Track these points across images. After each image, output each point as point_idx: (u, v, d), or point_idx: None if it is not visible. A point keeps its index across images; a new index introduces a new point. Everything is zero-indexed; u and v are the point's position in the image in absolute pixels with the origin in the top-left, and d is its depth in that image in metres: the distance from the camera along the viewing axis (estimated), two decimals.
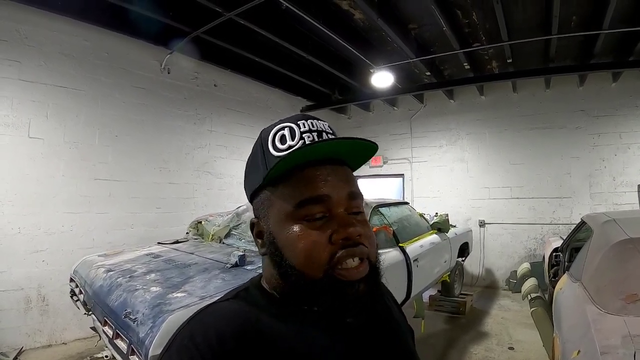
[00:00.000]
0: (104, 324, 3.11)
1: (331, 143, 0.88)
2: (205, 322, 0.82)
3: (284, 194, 0.87)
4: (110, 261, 4.07)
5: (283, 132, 0.90)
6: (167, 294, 2.93)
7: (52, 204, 5.61)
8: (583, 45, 7.00)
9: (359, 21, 6.33)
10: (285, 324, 0.84)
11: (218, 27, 5.91)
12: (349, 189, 0.89)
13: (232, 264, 3.49)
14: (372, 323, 0.98)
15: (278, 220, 0.87)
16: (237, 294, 0.92)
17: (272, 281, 0.91)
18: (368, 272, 0.86)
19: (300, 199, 0.85)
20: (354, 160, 0.96)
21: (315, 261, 0.82)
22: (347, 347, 0.89)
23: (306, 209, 0.84)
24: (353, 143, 0.90)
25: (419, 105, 10.52)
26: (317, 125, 0.92)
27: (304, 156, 0.86)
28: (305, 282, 0.83)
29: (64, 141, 5.75)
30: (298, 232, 0.84)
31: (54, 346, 5.59)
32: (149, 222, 6.76)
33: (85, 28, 5.89)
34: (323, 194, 0.85)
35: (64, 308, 5.53)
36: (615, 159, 8.35)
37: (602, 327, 2.53)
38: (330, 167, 0.89)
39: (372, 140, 0.89)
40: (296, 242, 0.84)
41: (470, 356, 5.55)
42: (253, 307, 0.87)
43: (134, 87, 6.61)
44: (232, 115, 8.40)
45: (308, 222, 0.84)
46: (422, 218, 6.82)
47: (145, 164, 6.76)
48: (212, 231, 4.84)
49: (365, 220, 0.91)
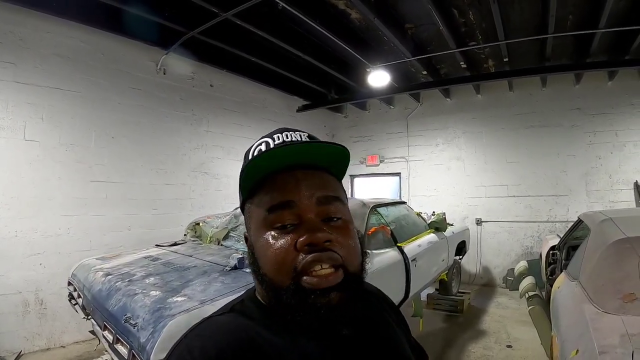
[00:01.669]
0: (104, 329, 3.09)
1: (289, 147, 0.88)
2: (203, 336, 0.83)
3: (258, 204, 0.88)
4: (108, 264, 4.04)
5: (260, 147, 0.91)
6: (167, 298, 2.91)
7: (48, 206, 5.59)
8: (579, 44, 7.00)
9: (356, 21, 6.33)
10: (279, 336, 0.84)
11: (214, 27, 5.90)
12: (320, 193, 0.88)
13: (232, 266, 3.48)
14: (366, 333, 0.97)
15: (254, 229, 0.89)
16: (233, 307, 0.93)
17: (259, 291, 0.93)
18: (342, 281, 0.83)
19: (268, 205, 0.85)
20: (332, 166, 0.95)
21: (282, 268, 0.82)
22: (340, 358, 0.88)
23: (275, 216, 0.85)
24: (309, 146, 0.91)
25: (416, 104, 10.53)
26: (292, 137, 0.92)
27: (265, 162, 0.86)
28: (275, 290, 0.83)
29: (59, 143, 5.72)
30: (268, 240, 0.84)
31: (53, 349, 5.57)
32: (146, 223, 6.74)
33: (81, 29, 5.87)
34: (290, 199, 0.85)
35: (62, 311, 5.52)
36: (611, 156, 8.38)
37: (600, 327, 2.53)
38: (302, 172, 0.88)
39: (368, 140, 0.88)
40: (266, 250, 0.84)
41: (469, 355, 5.55)
42: (248, 320, 0.87)
43: (130, 89, 6.59)
44: (228, 116, 8.39)
45: (279, 230, 0.84)
46: (420, 217, 6.82)
47: (141, 165, 6.73)
48: (210, 233, 4.82)
49: (343, 227, 0.89)
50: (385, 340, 1.03)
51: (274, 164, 0.87)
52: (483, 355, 5.51)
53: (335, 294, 0.81)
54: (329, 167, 0.95)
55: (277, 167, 0.87)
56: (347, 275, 0.84)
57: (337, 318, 0.84)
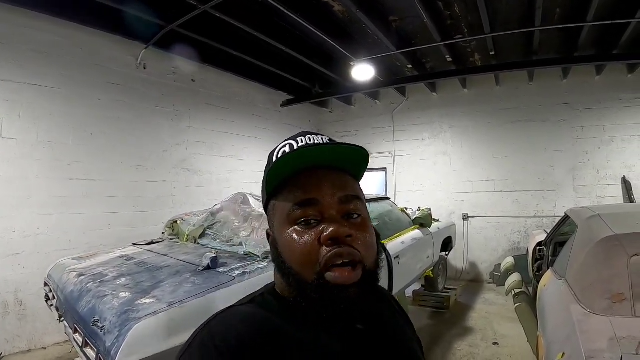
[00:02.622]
0: (75, 331, 3.00)
1: (311, 148, 0.93)
2: (225, 324, 0.86)
3: (283, 200, 0.93)
4: (82, 265, 3.94)
5: (284, 149, 0.97)
6: (136, 299, 2.81)
7: (26, 205, 5.47)
8: (566, 38, 6.96)
9: (339, 13, 6.23)
10: (298, 328, 0.88)
11: (195, 21, 5.80)
12: (341, 193, 0.92)
13: (204, 266, 3.38)
14: (378, 328, 1.02)
15: (278, 225, 0.94)
16: (253, 299, 0.97)
17: (280, 286, 0.97)
18: (360, 278, 0.86)
19: (294, 202, 0.89)
20: (352, 168, 1.00)
21: (307, 262, 0.85)
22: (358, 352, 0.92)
23: (300, 212, 0.89)
24: (333, 148, 0.95)
25: (402, 98, 10.47)
26: (314, 139, 0.98)
27: (290, 163, 0.91)
28: (300, 283, 0.86)
29: (37, 141, 5.59)
30: (292, 234, 0.88)
31: (34, 351, 5.49)
32: (127, 221, 6.62)
33: (58, 24, 5.71)
34: (313, 197, 0.89)
35: (42, 312, 5.36)
36: (598, 151, 8.40)
37: (588, 329, 2.44)
38: (324, 172, 0.93)
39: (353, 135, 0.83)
40: (291, 244, 0.88)
41: (455, 353, 5.51)
42: (268, 312, 0.91)
43: (109, 84, 6.44)
44: (211, 111, 8.27)
45: (302, 226, 0.88)
46: (404, 213, 6.76)
47: (121, 162, 6.61)
48: (187, 231, 4.72)
49: (362, 224, 0.93)
50: (395, 335, 1.08)
51: (299, 164, 0.92)
52: (469, 353, 5.46)
53: (353, 289, 0.85)
54: (349, 168, 0.99)
55: (301, 168, 0.92)
56: (365, 271, 0.88)
57: (354, 312, 0.88)
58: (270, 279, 1.03)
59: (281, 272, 0.92)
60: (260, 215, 4.26)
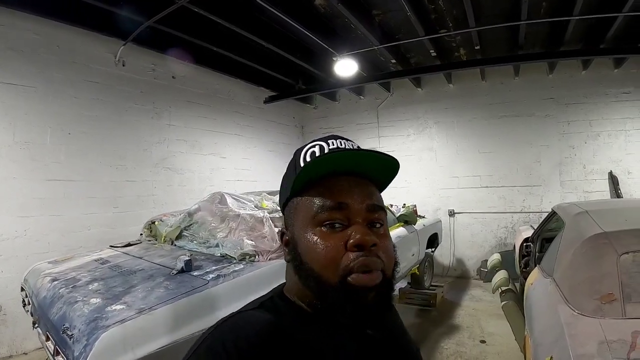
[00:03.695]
0: (47, 339, 2.92)
1: (347, 153, 0.94)
2: (234, 328, 0.84)
3: (309, 200, 0.92)
4: (57, 269, 3.83)
5: (313, 149, 0.97)
6: (106, 306, 2.71)
7: (4, 208, 5.35)
8: (553, 32, 6.95)
9: (320, 7, 6.14)
10: (308, 333, 0.87)
11: (174, 17, 5.70)
12: (369, 201, 0.92)
13: (178, 269, 3.27)
14: (390, 337, 1.02)
15: (301, 225, 0.92)
16: (262, 303, 0.95)
17: (294, 288, 0.95)
18: (380, 283, 0.86)
19: (323, 204, 0.89)
20: (380, 178, 1.00)
21: (331, 265, 0.85)
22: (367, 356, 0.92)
23: (327, 215, 0.88)
24: (371, 156, 0.93)
25: (386, 94, 10.44)
26: (345, 144, 0.99)
27: (324, 165, 0.91)
28: (322, 286, 0.86)
29: (14, 141, 5.46)
30: (318, 236, 0.88)
31: (15, 357, 5.42)
32: (107, 222, 6.51)
33: (34, 21, 5.58)
34: (343, 202, 0.89)
35: (22, 317, 5.19)
36: (585, 146, 8.43)
37: (577, 332, 2.37)
38: (353, 179, 0.94)
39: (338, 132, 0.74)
40: (316, 246, 0.87)
41: (442, 351, 5.47)
42: (278, 316, 0.89)
43: (87, 82, 6.31)
44: (192, 108, 8.15)
45: (328, 229, 0.88)
46: (388, 210, 6.67)
47: (100, 161, 6.48)
48: (164, 232, 4.59)
49: (385, 234, 0.94)
50: (402, 342, 1.09)
51: (332, 167, 0.92)
52: (456, 352, 5.42)
53: (373, 295, 0.85)
54: (377, 178, 1.00)
55: (331, 170, 0.92)
56: (385, 278, 0.88)
57: (371, 317, 0.88)
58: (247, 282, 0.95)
59: (299, 273, 0.91)
60: (237, 215, 4.16)
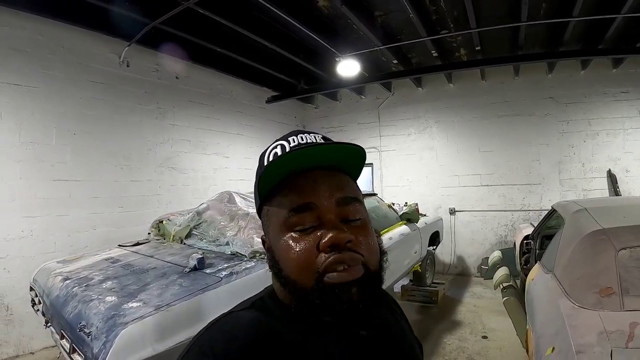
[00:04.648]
0: (61, 337, 2.96)
1: (304, 150, 0.87)
2: (224, 330, 0.84)
3: (277, 206, 0.88)
4: (67, 268, 3.89)
5: (275, 150, 0.92)
6: (123, 304, 2.78)
7: (10, 208, 5.38)
8: (552, 32, 6.99)
9: (323, 8, 6.18)
10: (299, 334, 0.85)
11: (178, 17, 5.71)
12: (339, 195, 0.88)
13: (191, 267, 3.34)
14: (384, 334, 0.99)
15: (275, 232, 0.89)
16: (253, 303, 0.93)
17: (279, 292, 0.93)
18: (362, 277, 0.83)
19: (289, 207, 0.85)
20: (348, 167, 0.95)
21: (305, 269, 0.82)
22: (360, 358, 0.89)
23: (296, 218, 0.85)
24: (327, 147, 0.90)
25: (387, 93, 10.48)
26: (307, 138, 0.94)
27: (283, 166, 0.86)
28: (299, 291, 0.83)
29: (19, 142, 5.49)
30: (289, 242, 0.84)
31: (22, 357, 5.43)
32: (112, 222, 6.54)
33: (38, 21, 5.60)
34: (309, 201, 0.85)
35: (29, 317, 5.26)
36: (584, 145, 8.48)
37: (577, 323, 2.45)
38: (319, 174, 0.89)
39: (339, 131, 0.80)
40: (287, 252, 0.84)
41: (444, 347, 5.53)
42: (268, 317, 0.88)
43: (91, 82, 6.34)
44: (195, 108, 8.19)
45: (299, 232, 0.84)
46: (391, 209, 6.77)
47: (105, 161, 6.52)
48: (173, 231, 4.66)
49: (363, 227, 0.89)
50: (398, 342, 1.05)
51: (292, 166, 0.87)
52: (459, 347, 5.48)
53: (355, 290, 0.81)
54: (345, 168, 0.95)
55: (295, 170, 0.87)
56: (368, 272, 0.84)
57: (357, 314, 0.84)
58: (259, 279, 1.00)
59: (279, 280, 0.88)
60: (247, 214, 4.23)
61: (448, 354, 5.31)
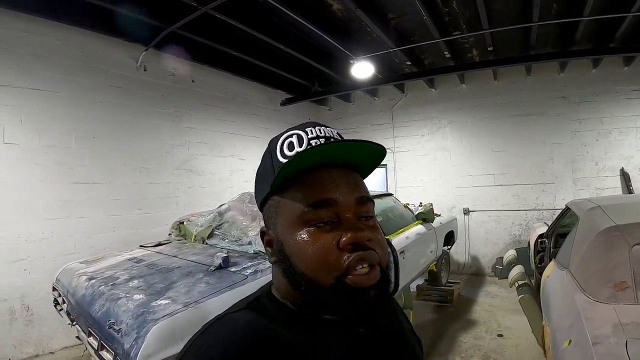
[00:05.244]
0: (89, 335, 3.02)
1: (335, 145, 0.87)
2: (220, 334, 0.80)
3: (292, 199, 0.85)
4: (91, 268, 3.97)
5: (291, 140, 0.90)
6: (151, 301, 2.86)
7: (30, 210, 5.47)
8: (563, 32, 7.00)
9: (338, 12, 6.24)
10: (298, 334, 0.82)
11: (194, 22, 5.78)
12: (358, 194, 0.87)
13: (216, 266, 3.41)
14: (385, 333, 0.97)
15: (286, 226, 0.85)
16: (249, 303, 0.89)
17: (283, 290, 0.90)
18: (379, 279, 0.83)
19: (308, 202, 0.83)
20: (364, 166, 0.94)
21: (324, 267, 0.80)
22: (361, 357, 0.88)
23: (314, 213, 0.83)
24: (360, 145, 0.87)
25: (400, 94, 10.50)
26: (324, 132, 0.92)
27: (310, 159, 0.84)
28: (315, 289, 0.81)
29: (40, 145, 5.59)
30: (307, 238, 0.82)
31: (42, 356, 5.49)
32: (131, 224, 6.64)
33: (58, 28, 5.72)
34: (331, 197, 0.84)
35: (49, 317, 5.37)
36: (596, 144, 8.46)
37: (593, 316, 2.52)
38: (339, 171, 0.88)
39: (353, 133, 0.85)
40: (305, 248, 0.82)
41: (460, 345, 5.56)
42: (265, 317, 0.84)
43: (109, 87, 6.45)
44: (211, 111, 8.29)
45: (316, 227, 0.82)
46: (407, 209, 6.81)
47: (124, 164, 6.62)
48: (194, 232, 4.74)
49: (375, 226, 0.89)
50: (399, 339, 1.04)
51: (316, 160, 0.85)
52: (474, 345, 5.52)
53: (373, 292, 0.81)
54: (359, 166, 0.94)
55: (315, 163, 0.85)
56: (383, 274, 0.84)
57: (373, 315, 0.85)
58: None
59: (289, 277, 0.85)
60: None
61: (464, 352, 5.35)
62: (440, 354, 5.33)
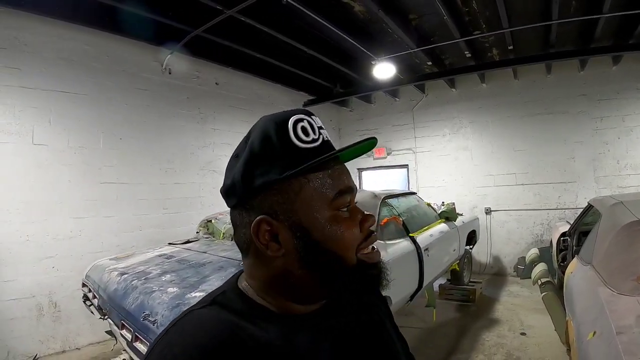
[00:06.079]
0: (122, 328, 3.11)
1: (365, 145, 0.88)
2: (185, 332, 0.78)
3: (320, 185, 0.84)
4: (122, 264, 4.08)
5: (303, 124, 0.86)
6: (185, 294, 2.94)
7: (59, 209, 5.62)
8: (583, 29, 6.97)
9: (359, 13, 6.31)
10: (265, 330, 0.81)
11: (218, 24, 5.89)
12: (354, 184, 0.93)
13: None
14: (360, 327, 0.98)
15: (315, 210, 0.84)
16: (214, 299, 0.87)
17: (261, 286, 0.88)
18: None
19: (338, 188, 0.86)
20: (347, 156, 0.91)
21: (352, 247, 0.86)
22: (334, 352, 0.88)
23: (340, 199, 0.86)
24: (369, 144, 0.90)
25: (421, 95, 10.53)
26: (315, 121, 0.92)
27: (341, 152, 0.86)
28: (343, 267, 0.85)
29: (68, 146, 5.75)
30: (340, 222, 0.85)
31: (68, 352, 5.61)
32: (157, 223, 6.78)
33: (84, 32, 5.88)
34: (350, 186, 0.89)
35: (76, 313, 5.55)
36: (618, 142, 8.36)
37: (616, 308, 2.55)
38: (341, 164, 0.90)
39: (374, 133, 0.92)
40: (339, 229, 0.85)
41: (483, 343, 5.57)
42: (231, 313, 0.82)
43: (136, 89, 6.62)
44: (234, 113, 8.40)
45: (341, 213, 0.87)
46: (430, 207, 6.83)
47: (150, 165, 6.77)
48: (223, 229, 4.84)
49: None
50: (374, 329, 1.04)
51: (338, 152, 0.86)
52: (497, 343, 5.51)
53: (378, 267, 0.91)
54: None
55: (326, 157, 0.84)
56: None
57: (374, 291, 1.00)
58: None
59: (310, 264, 0.84)
60: None
61: (487, 350, 5.35)
62: (463, 352, 5.35)
